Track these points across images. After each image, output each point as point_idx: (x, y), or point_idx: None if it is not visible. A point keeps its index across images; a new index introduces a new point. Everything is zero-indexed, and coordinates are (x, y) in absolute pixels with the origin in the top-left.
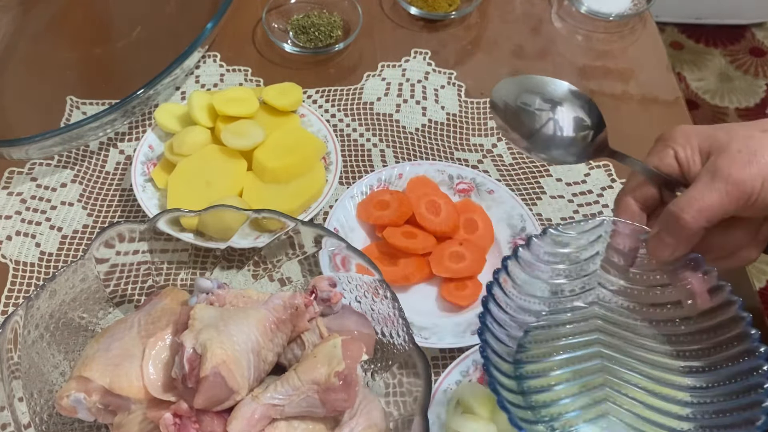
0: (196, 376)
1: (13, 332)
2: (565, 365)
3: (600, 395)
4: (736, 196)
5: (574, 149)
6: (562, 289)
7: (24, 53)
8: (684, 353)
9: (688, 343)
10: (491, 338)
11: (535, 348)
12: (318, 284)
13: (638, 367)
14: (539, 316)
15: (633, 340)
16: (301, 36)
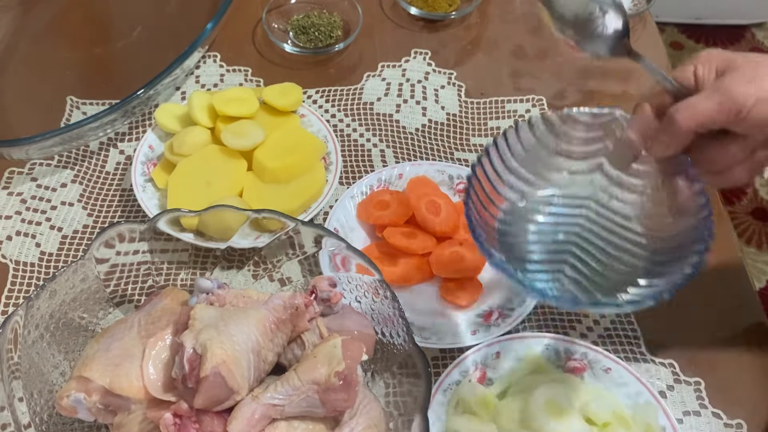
0: (196, 376)
1: (13, 332)
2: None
3: (562, 257)
4: (727, 108)
5: (610, 44)
6: (567, 167)
7: (24, 53)
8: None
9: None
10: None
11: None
12: (318, 284)
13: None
14: (536, 185)
15: (613, 219)
16: (301, 36)
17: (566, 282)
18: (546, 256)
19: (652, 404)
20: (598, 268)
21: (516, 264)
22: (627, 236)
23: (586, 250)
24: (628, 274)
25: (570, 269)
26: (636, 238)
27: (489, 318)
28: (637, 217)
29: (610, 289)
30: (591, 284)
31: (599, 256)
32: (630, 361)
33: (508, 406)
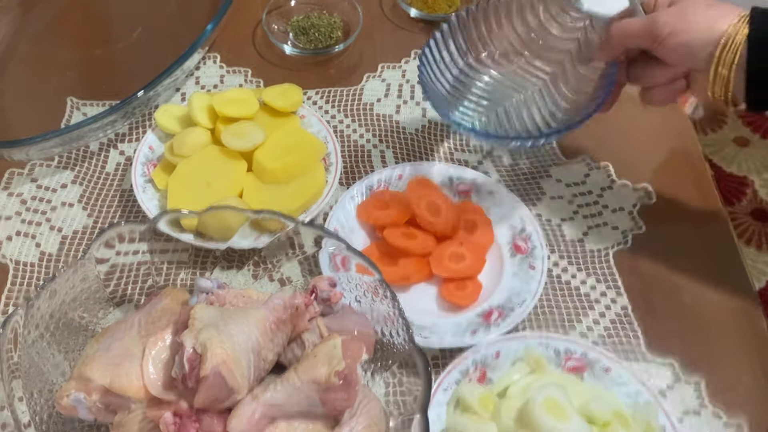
0: (196, 375)
1: (13, 332)
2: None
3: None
4: (647, 31)
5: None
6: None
7: (24, 54)
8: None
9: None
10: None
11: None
12: (318, 284)
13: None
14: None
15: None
16: (301, 37)
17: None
18: (483, 103)
19: (652, 404)
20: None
21: (452, 107)
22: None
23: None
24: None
25: (500, 114)
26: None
27: (489, 318)
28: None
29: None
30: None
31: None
32: (630, 361)
33: (508, 406)
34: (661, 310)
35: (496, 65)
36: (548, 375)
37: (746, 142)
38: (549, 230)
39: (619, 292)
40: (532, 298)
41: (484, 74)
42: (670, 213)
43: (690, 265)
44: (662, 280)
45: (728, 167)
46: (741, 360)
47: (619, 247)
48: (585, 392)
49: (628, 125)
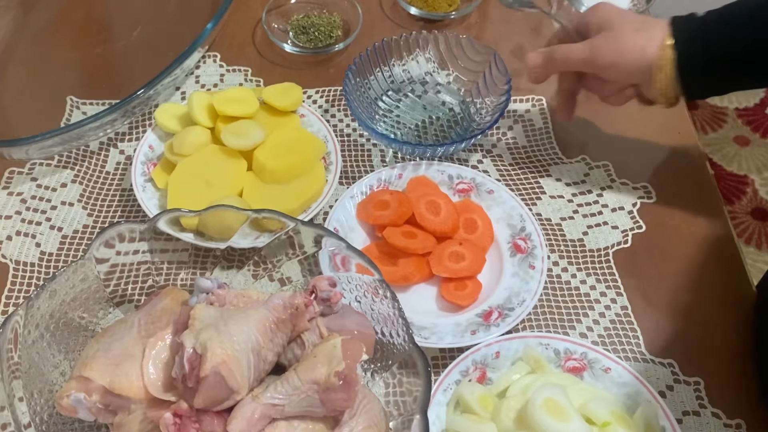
0: (196, 375)
1: (13, 332)
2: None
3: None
4: (590, 61)
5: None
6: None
7: (24, 53)
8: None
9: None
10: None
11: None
12: (318, 284)
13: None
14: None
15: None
16: (301, 36)
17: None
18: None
19: (652, 404)
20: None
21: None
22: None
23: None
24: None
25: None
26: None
27: (489, 318)
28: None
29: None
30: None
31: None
32: (630, 361)
33: (508, 406)
34: (661, 310)
35: (412, 90)
36: (548, 375)
37: (746, 141)
38: (549, 230)
39: (619, 292)
40: (532, 298)
41: (402, 97)
42: (670, 213)
43: (690, 264)
44: (662, 280)
45: (728, 166)
46: (741, 360)
47: (619, 246)
48: (585, 392)
49: (628, 125)
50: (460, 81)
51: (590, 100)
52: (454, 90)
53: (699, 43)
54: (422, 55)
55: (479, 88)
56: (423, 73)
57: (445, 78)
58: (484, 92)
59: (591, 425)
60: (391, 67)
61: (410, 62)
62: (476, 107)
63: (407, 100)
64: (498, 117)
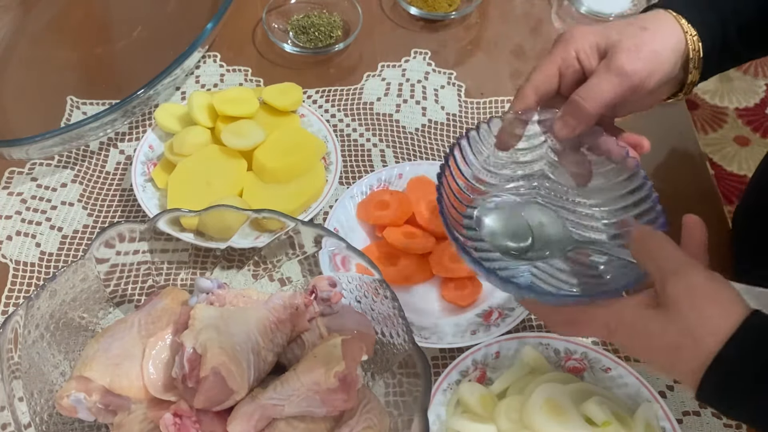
0: (196, 376)
1: (13, 332)
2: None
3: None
4: (627, 85)
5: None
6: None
7: (24, 53)
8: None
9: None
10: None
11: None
12: (318, 284)
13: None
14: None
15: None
16: (301, 36)
17: (538, 273)
18: (515, 244)
19: (652, 404)
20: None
21: (490, 260)
22: (580, 210)
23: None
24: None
25: (539, 260)
26: (588, 211)
27: (489, 318)
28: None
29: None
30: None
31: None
32: (630, 361)
33: (508, 406)
34: None
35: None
36: (548, 375)
37: (746, 141)
38: None
39: None
40: None
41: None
42: (670, 212)
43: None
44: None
45: (728, 166)
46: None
47: None
48: (585, 393)
49: (628, 125)
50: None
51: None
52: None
53: (714, 20)
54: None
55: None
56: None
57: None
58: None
59: (591, 425)
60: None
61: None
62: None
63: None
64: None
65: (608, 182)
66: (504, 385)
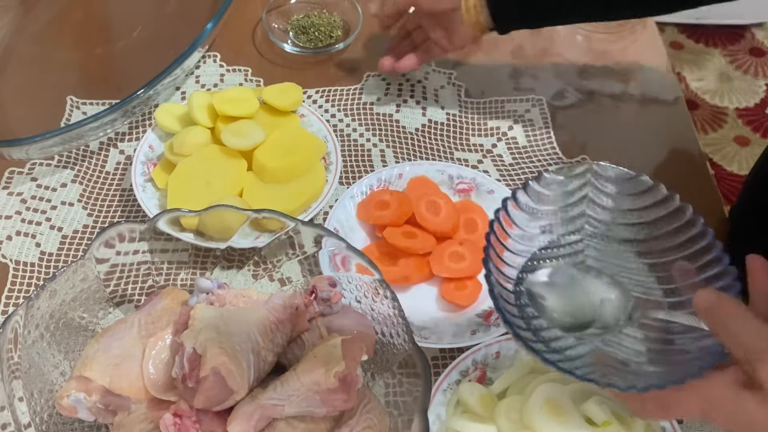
0: (196, 376)
1: (13, 332)
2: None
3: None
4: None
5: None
6: (555, 229)
7: (24, 53)
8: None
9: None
10: (495, 268)
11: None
12: (318, 284)
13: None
14: (531, 252)
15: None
16: (301, 36)
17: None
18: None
19: None
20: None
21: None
22: (632, 265)
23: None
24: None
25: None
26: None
27: (489, 318)
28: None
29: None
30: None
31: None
32: None
33: (508, 406)
34: None
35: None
36: (548, 375)
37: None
38: None
39: None
40: None
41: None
42: None
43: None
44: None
45: (728, 166)
46: None
47: None
48: (585, 392)
49: (628, 125)
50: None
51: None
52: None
53: None
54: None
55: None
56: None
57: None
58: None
59: (591, 425)
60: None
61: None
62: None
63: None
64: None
65: (661, 230)
66: (504, 385)
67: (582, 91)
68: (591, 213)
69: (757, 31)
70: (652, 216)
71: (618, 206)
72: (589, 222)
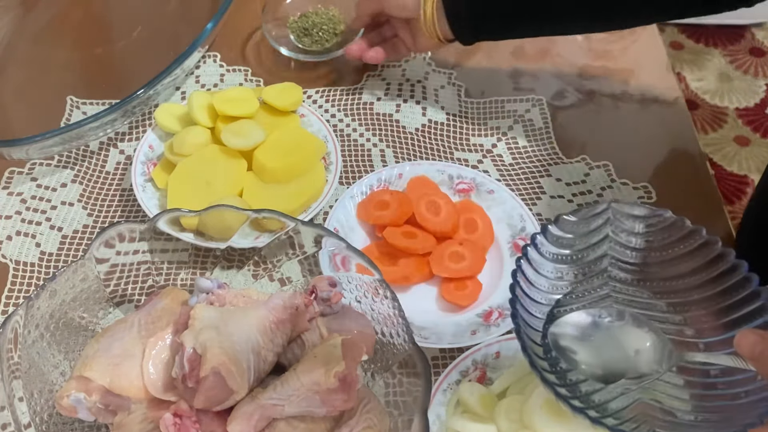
0: (196, 376)
1: (13, 332)
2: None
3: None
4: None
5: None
6: (578, 273)
7: (24, 53)
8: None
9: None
10: (523, 322)
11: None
12: (318, 284)
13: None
14: (555, 300)
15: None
16: (304, 39)
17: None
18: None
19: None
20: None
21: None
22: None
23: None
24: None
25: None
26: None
27: (489, 318)
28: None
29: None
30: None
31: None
32: None
33: (508, 406)
34: None
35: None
36: None
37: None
38: None
39: None
40: None
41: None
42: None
43: None
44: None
45: (728, 166)
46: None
47: None
48: None
49: (628, 125)
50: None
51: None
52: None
53: None
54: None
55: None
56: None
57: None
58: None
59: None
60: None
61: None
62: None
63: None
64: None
65: (688, 266)
66: (504, 385)
67: (582, 91)
68: (613, 254)
69: (757, 31)
70: (677, 252)
71: (641, 244)
72: (612, 263)
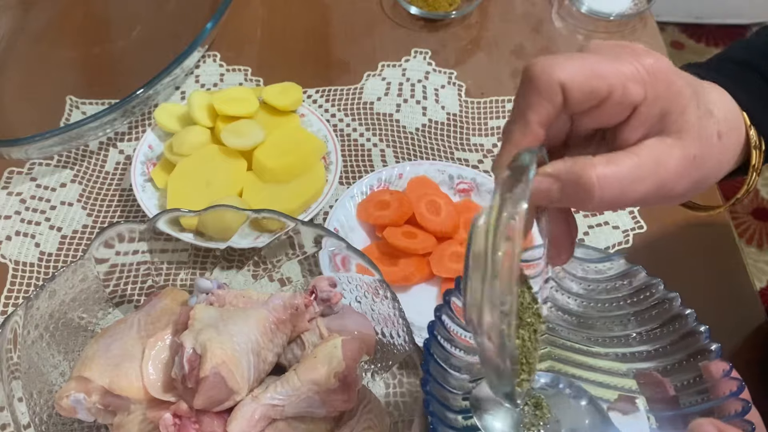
0: (196, 376)
1: (12, 332)
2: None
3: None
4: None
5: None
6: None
7: (24, 53)
8: (634, 356)
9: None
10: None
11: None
12: (318, 284)
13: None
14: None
15: (581, 350)
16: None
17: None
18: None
19: None
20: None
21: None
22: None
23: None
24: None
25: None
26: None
27: None
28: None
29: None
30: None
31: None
32: None
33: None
34: None
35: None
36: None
37: None
38: None
39: None
40: None
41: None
42: (670, 213)
43: (691, 264)
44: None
45: None
46: (741, 360)
47: (620, 246)
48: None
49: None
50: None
51: None
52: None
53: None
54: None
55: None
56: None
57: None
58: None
59: None
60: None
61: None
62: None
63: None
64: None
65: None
66: None
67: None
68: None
69: None
70: (630, 309)
71: (583, 291)
72: (550, 314)
